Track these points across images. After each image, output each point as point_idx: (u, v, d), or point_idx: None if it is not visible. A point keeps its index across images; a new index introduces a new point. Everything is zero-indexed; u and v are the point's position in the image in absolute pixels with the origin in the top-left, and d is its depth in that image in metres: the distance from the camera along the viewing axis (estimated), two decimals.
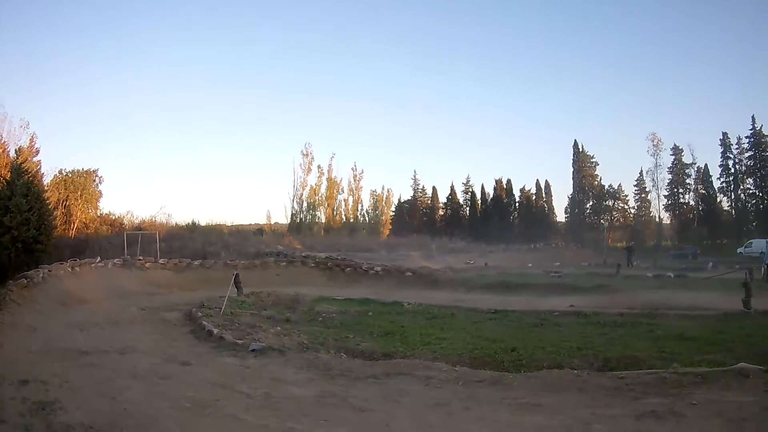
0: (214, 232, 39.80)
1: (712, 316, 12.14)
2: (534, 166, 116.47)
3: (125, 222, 39.22)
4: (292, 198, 59.32)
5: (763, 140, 57.95)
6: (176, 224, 41.12)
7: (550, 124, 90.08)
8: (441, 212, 69.10)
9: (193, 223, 42.44)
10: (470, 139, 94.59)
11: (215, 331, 10.05)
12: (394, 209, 67.75)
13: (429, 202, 69.16)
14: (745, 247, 46.04)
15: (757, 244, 42.49)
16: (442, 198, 69.05)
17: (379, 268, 24.44)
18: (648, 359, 7.98)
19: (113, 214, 41.22)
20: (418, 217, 67.15)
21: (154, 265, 21.81)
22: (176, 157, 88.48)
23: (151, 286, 18.64)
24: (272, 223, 60.05)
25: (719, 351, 8.65)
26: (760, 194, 58.66)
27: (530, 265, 32.84)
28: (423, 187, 69.33)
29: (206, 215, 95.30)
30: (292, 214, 58.78)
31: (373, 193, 66.03)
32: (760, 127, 57.92)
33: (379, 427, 5.37)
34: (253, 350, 8.60)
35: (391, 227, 64.66)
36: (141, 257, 22.67)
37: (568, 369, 7.24)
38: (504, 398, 6.16)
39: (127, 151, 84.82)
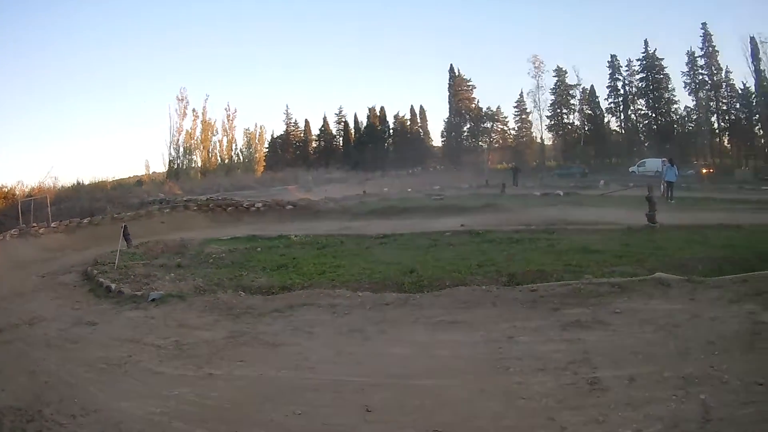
0: (98, 188, 38.40)
1: (616, 230, 12.48)
2: (410, 92, 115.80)
3: (17, 192, 36.52)
4: (169, 145, 56.73)
5: (656, 63, 59.59)
6: (63, 186, 38.76)
7: (426, 50, 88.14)
8: (314, 144, 68.05)
9: (78, 183, 40.40)
10: (342, 69, 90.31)
11: (113, 286, 9.66)
12: (267, 146, 66.33)
13: (302, 135, 67.87)
14: (638, 166, 46.89)
15: (651, 164, 42.64)
16: (315, 130, 68.03)
17: (260, 204, 24.11)
18: (555, 273, 8.12)
19: (5, 186, 38.36)
20: (292, 151, 65.98)
21: (47, 230, 20.53)
22: (58, 120, 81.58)
23: (46, 251, 17.43)
24: (151, 172, 57.48)
25: (629, 263, 8.90)
26: (654, 115, 60.50)
27: (409, 189, 32.66)
28: (295, 120, 67.67)
29: (91, 174, 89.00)
30: (170, 161, 56.33)
31: (246, 131, 64.26)
32: (654, 51, 59.65)
33: (297, 360, 5.38)
34: (153, 299, 8.39)
35: (265, 164, 63.33)
36: (35, 224, 21.33)
37: (475, 286, 7.32)
38: (417, 318, 6.26)
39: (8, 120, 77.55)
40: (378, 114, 66.30)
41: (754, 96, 55.62)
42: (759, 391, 4.28)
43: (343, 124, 67.58)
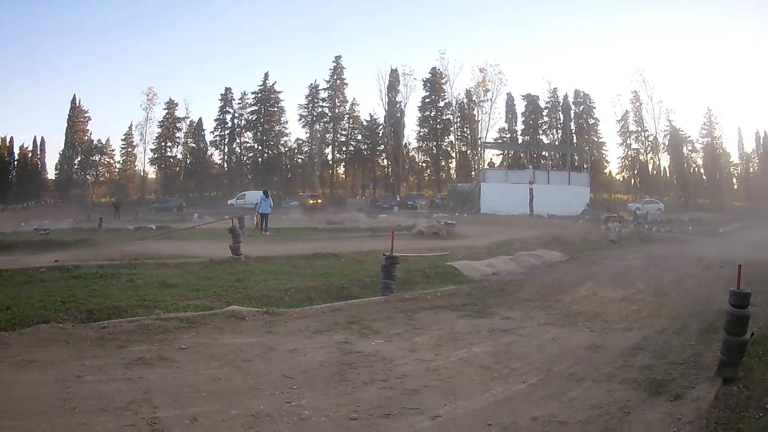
0: None
1: (198, 263, 12.45)
2: (36, 122, 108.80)
3: None
4: None
5: (272, 95, 63.71)
6: None
7: (49, 79, 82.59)
8: None
9: None
10: None
11: None
12: None
13: None
14: (237, 199, 49.63)
15: (251, 196, 44.00)
16: None
17: None
18: (130, 308, 8.03)
19: None
20: None
21: None
22: None
23: None
24: None
25: (206, 296, 9.04)
26: (260, 147, 64.44)
27: (23, 224, 29.82)
28: None
29: None
30: None
31: None
32: (273, 84, 63.77)
33: None
34: None
35: None
36: None
37: (54, 323, 7.07)
38: (4, 357, 5.88)
39: None
40: (8, 144, 60.91)
41: (381, 127, 62.15)
42: (353, 426, 4.46)
43: None
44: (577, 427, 4.60)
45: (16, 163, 63.29)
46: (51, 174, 65.21)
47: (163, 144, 63.77)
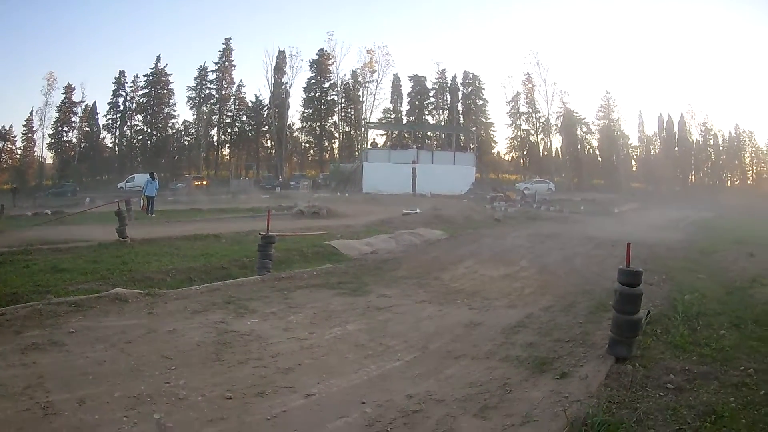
0: None
1: (87, 247, 12.38)
2: None
3: None
4: None
5: (163, 78, 62.54)
6: None
7: None
8: None
9: None
10: None
11: None
12: None
13: None
14: (127, 182, 48.86)
15: (140, 179, 42.86)
16: None
17: None
18: (26, 294, 7.94)
19: None
20: None
21: None
22: None
23: None
24: None
25: (94, 280, 9.02)
26: (149, 130, 63.31)
27: None
28: None
29: None
30: None
31: None
32: (164, 66, 62.61)
33: None
34: None
35: None
36: None
37: None
38: None
39: None
40: None
41: (266, 108, 62.13)
42: (228, 406, 4.54)
43: None
44: (454, 404, 4.65)
45: None
46: None
47: (60, 129, 61.81)
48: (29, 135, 62.02)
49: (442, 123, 66.50)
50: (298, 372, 5.33)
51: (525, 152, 68.56)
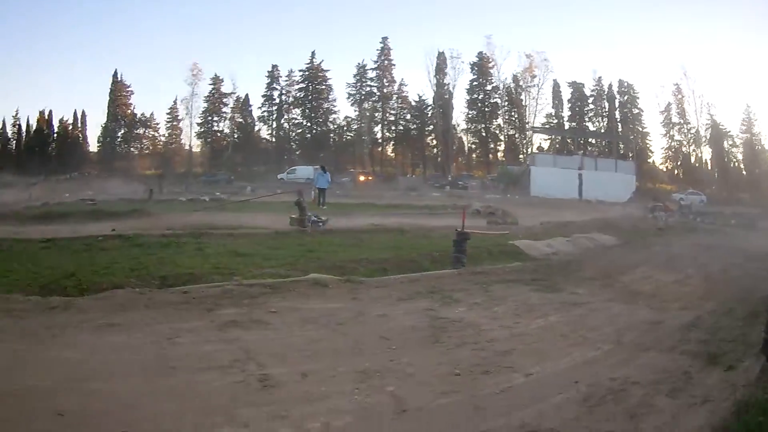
0: None
1: (262, 234, 12.80)
2: (76, 96, 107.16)
3: None
4: None
5: (319, 74, 64.48)
6: None
7: (91, 54, 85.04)
8: None
9: None
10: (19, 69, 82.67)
11: None
12: None
13: None
14: (288, 173, 50.09)
15: (302, 171, 45.88)
16: None
17: None
18: (206, 275, 8.12)
19: None
20: None
21: None
22: None
23: None
24: None
25: (280, 265, 9.16)
26: (308, 124, 65.41)
27: (67, 195, 30.27)
28: None
29: None
30: None
31: None
32: (320, 62, 64.60)
33: None
34: None
35: None
36: None
37: (129, 288, 7.11)
38: (82, 321, 5.89)
39: None
40: (46, 118, 63.18)
41: (430, 108, 62.79)
42: (457, 381, 4.82)
43: (17, 127, 63.65)
44: (649, 387, 5.02)
45: (55, 135, 64.86)
46: (93, 147, 66.81)
47: (210, 118, 64.85)
48: (174, 123, 65.77)
49: (602, 130, 65.27)
50: (514, 355, 5.66)
51: (678, 163, 66.65)
